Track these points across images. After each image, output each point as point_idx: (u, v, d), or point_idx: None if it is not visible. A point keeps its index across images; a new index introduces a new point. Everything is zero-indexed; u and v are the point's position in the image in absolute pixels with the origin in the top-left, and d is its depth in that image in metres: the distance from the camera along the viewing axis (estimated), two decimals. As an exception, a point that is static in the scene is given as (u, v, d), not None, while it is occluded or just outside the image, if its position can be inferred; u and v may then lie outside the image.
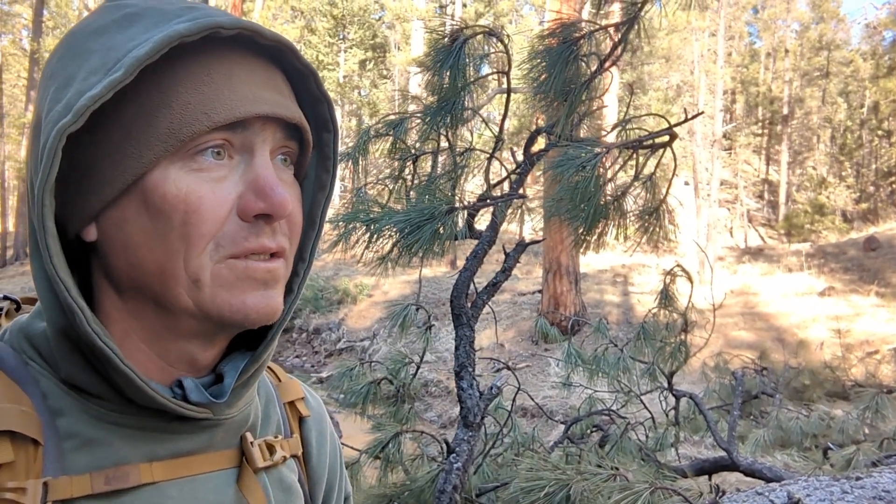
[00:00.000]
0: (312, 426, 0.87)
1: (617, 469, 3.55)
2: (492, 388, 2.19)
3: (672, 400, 4.90)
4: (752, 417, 6.52)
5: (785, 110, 32.31)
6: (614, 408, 5.50)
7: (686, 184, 31.29)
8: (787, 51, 33.86)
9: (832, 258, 18.34)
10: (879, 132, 32.04)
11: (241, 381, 0.69)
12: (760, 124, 36.44)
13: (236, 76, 0.61)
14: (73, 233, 0.63)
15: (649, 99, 26.75)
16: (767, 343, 10.27)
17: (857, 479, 3.09)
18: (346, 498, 0.95)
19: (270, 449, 0.74)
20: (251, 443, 0.72)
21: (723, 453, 4.39)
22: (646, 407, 5.04)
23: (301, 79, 0.68)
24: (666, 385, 4.78)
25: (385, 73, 32.79)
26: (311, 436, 0.86)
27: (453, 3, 25.73)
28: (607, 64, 2.40)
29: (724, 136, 33.35)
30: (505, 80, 2.52)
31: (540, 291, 12.76)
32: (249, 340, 0.74)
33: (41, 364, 0.64)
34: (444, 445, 2.29)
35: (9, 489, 0.56)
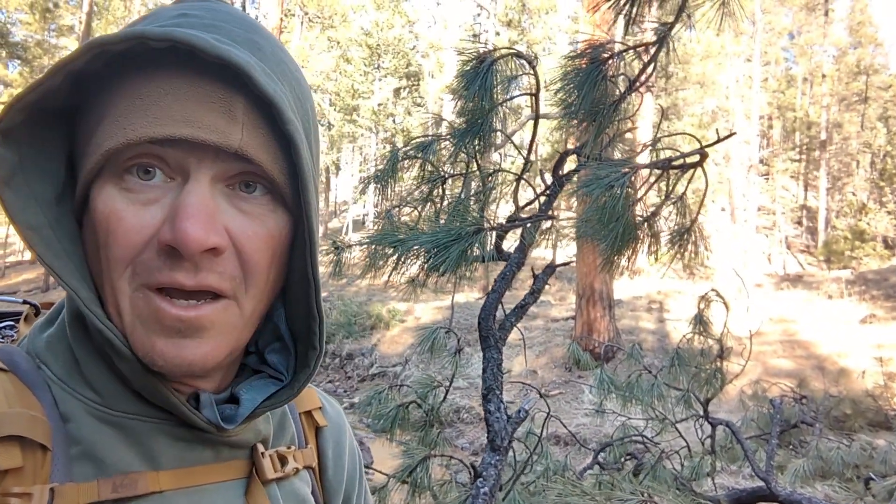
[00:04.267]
0: (329, 437, 0.85)
1: (651, 497, 3.48)
2: (520, 411, 2.16)
3: (708, 428, 4.79)
4: (791, 447, 6.35)
5: (823, 135, 31.87)
6: (648, 435, 5.40)
7: (723, 210, 30.96)
8: (823, 76, 33.49)
9: (873, 285, 17.93)
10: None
11: (255, 413, 0.67)
12: (798, 150, 35.99)
13: (173, 94, 0.57)
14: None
15: (684, 125, 26.59)
16: (807, 371, 10.02)
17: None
18: None
19: (282, 460, 0.73)
20: (262, 454, 0.71)
21: (761, 483, 4.27)
22: (681, 435, 4.94)
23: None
24: (702, 413, 4.68)
25: (419, 100, 33.11)
26: (327, 446, 0.84)
27: (486, 32, 25.97)
28: (637, 84, 2.38)
29: (761, 161, 33.01)
30: (533, 102, 2.52)
31: (573, 318, 12.65)
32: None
33: (53, 368, 0.63)
34: (472, 470, 2.25)
35: (14, 494, 0.55)
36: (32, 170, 0.61)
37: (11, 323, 0.80)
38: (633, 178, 2.12)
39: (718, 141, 2.37)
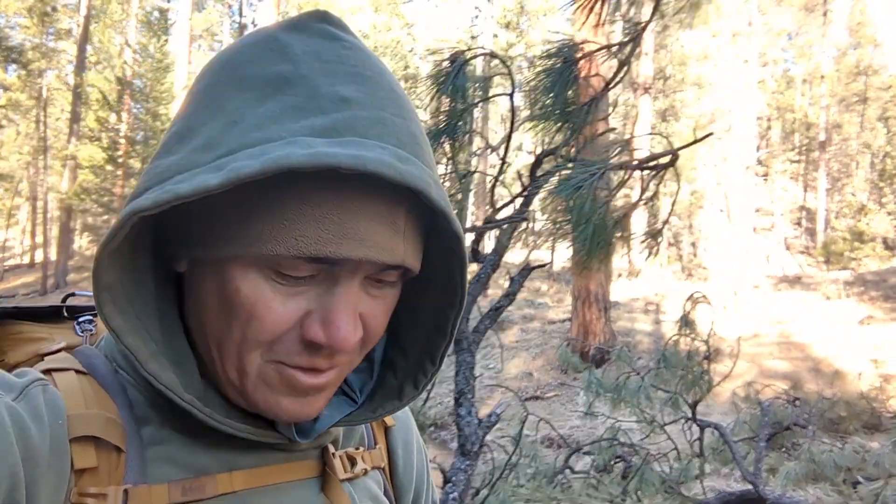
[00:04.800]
0: (398, 436, 0.85)
1: (639, 500, 3.44)
2: (490, 415, 2.14)
3: (697, 430, 4.77)
4: (783, 450, 6.32)
5: (822, 136, 31.84)
6: (639, 437, 5.37)
7: (721, 211, 30.92)
8: (822, 76, 33.47)
9: (872, 286, 17.89)
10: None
11: (330, 428, 0.70)
12: (797, 151, 35.95)
13: (345, 208, 0.55)
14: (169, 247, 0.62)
15: (683, 126, 26.55)
16: (802, 373, 9.98)
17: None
18: None
19: (352, 461, 0.74)
20: (332, 454, 0.72)
21: (750, 486, 4.25)
22: (669, 437, 4.92)
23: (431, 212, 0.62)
24: (690, 415, 4.66)
25: (417, 103, 33.09)
26: (396, 446, 0.84)
27: (482, 34, 25.97)
28: (611, 85, 2.36)
29: (760, 162, 32.96)
30: (511, 103, 2.50)
31: (570, 319, 12.64)
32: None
33: (130, 373, 0.64)
34: (442, 474, 2.23)
35: (90, 494, 0.57)
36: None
37: (90, 317, 0.79)
38: (607, 180, 2.10)
39: (695, 142, 2.35)
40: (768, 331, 13.32)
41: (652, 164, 2.14)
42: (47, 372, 0.62)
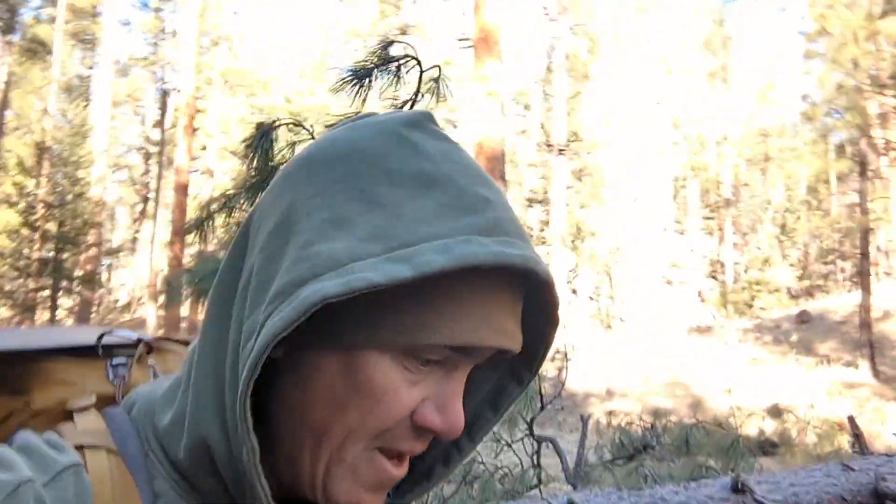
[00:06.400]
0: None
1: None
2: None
3: (536, 445, 5.40)
4: (637, 468, 6.99)
5: (728, 194, 33.81)
6: (492, 455, 5.97)
7: (637, 266, 32.22)
8: (726, 139, 35.66)
9: (767, 331, 19.11)
10: (819, 212, 33.61)
11: None
12: (710, 208, 37.91)
13: (492, 303, 0.59)
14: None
15: (597, 186, 27.86)
16: (680, 407, 10.80)
17: (639, 489, 3.62)
18: None
19: None
20: None
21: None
22: (514, 452, 5.53)
23: (539, 298, 0.65)
24: (528, 431, 5.30)
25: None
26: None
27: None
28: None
29: (676, 221, 34.66)
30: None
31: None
32: None
33: (160, 457, 0.63)
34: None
35: None
36: None
37: (124, 361, 0.75)
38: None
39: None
40: (664, 374, 14.19)
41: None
42: (80, 448, 0.60)
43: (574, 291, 26.04)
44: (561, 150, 25.00)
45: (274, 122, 3.02)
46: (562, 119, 24.50)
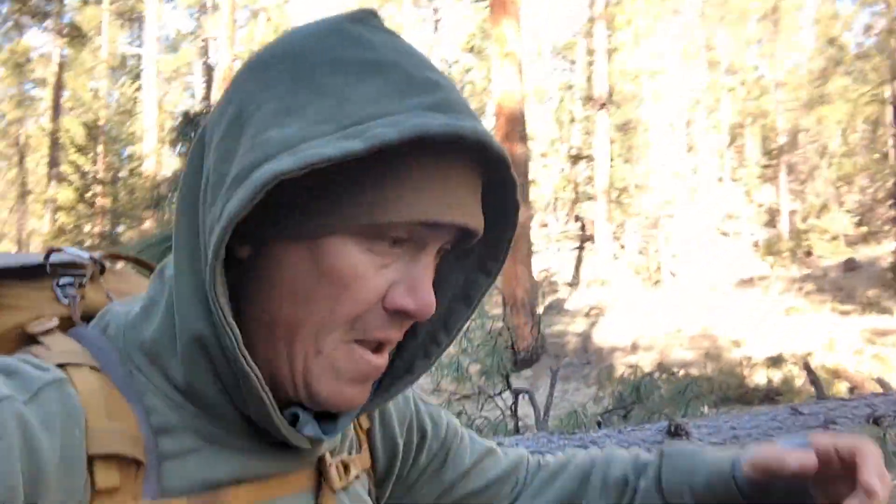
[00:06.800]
0: (378, 432, 0.85)
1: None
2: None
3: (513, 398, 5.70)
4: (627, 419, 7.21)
5: (787, 139, 32.85)
6: (477, 407, 6.28)
7: (691, 217, 31.73)
8: (785, 83, 34.51)
9: (813, 281, 18.77)
10: (877, 155, 32.42)
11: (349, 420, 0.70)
12: (768, 155, 36.85)
13: (451, 180, 0.59)
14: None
15: (645, 140, 27.37)
16: (699, 358, 10.87)
17: (573, 433, 3.87)
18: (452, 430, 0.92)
19: (346, 468, 0.74)
20: (329, 464, 0.71)
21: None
22: (497, 405, 5.83)
23: (495, 179, 0.65)
24: (506, 385, 5.58)
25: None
26: (377, 443, 0.84)
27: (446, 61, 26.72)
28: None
29: (732, 168, 33.90)
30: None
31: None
32: None
33: (149, 374, 0.63)
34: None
35: None
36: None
37: (71, 280, 0.73)
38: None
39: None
40: (695, 326, 14.20)
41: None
42: (62, 367, 0.59)
43: (622, 247, 25.86)
44: (602, 104, 24.61)
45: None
46: (603, 71, 24.06)
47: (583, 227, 26.32)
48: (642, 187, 26.82)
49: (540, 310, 17.28)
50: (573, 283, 20.58)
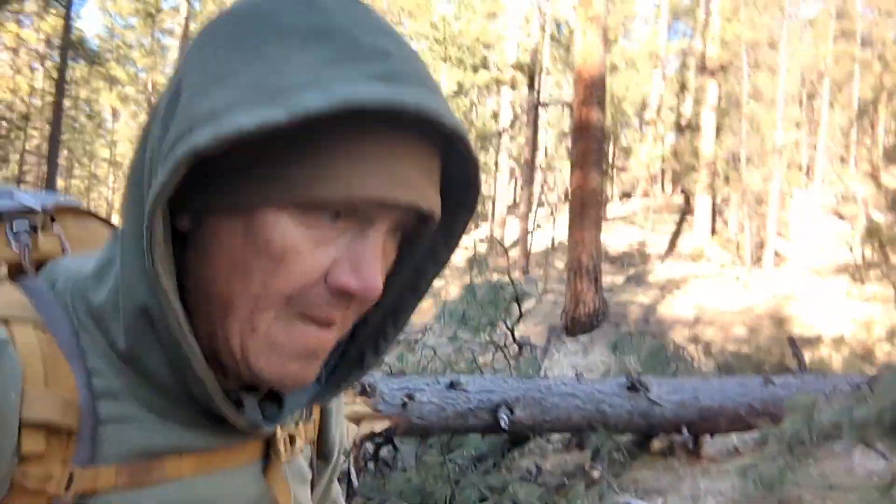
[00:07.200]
0: (332, 405, 0.85)
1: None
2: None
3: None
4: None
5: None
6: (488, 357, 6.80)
7: (804, 196, 30.48)
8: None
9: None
10: None
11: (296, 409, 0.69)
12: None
13: (395, 156, 0.55)
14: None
15: (765, 108, 26.29)
16: (750, 336, 10.90)
17: (531, 377, 4.36)
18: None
19: (291, 440, 0.73)
20: (278, 438, 0.70)
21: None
22: (505, 356, 6.34)
23: (456, 157, 0.61)
24: (512, 338, 6.08)
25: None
26: (329, 416, 0.84)
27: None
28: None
29: (852, 146, 32.16)
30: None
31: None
32: None
33: (94, 335, 0.61)
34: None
35: (34, 476, 0.55)
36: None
37: (26, 227, 0.70)
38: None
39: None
40: (765, 304, 14.06)
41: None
42: (5, 322, 0.58)
43: (725, 222, 25.25)
44: (712, 71, 23.86)
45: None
46: (717, 37, 23.27)
47: (687, 200, 25.82)
48: (751, 161, 25.97)
49: (620, 279, 17.48)
50: (665, 256, 20.41)
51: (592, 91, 12.59)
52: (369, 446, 4.46)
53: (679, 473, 4.76)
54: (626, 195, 30.96)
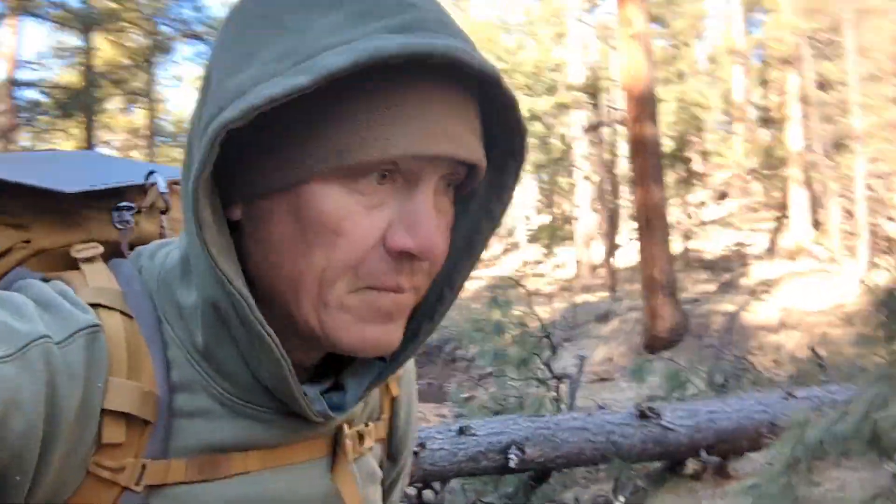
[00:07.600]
0: (403, 404, 0.83)
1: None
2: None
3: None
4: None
5: None
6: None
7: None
8: None
9: None
10: None
11: (362, 396, 0.68)
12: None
13: (430, 107, 0.54)
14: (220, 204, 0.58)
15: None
16: (836, 338, 10.48)
17: (541, 415, 4.58)
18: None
19: (360, 438, 0.73)
20: (346, 434, 0.70)
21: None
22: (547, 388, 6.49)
23: (496, 104, 0.60)
24: (548, 373, 6.25)
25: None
26: (400, 415, 0.83)
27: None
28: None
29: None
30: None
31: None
32: None
33: (177, 326, 0.63)
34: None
35: (108, 467, 0.57)
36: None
37: (132, 205, 0.73)
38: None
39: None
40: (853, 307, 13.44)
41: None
42: (95, 307, 0.60)
43: (817, 222, 24.11)
44: (788, 61, 23.05)
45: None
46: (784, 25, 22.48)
47: (785, 195, 24.89)
48: (847, 148, 24.74)
49: (713, 286, 17.02)
50: (766, 256, 19.64)
51: (643, 107, 12.59)
52: (411, 490, 4.75)
53: (699, 496, 4.79)
54: (723, 196, 30.10)
